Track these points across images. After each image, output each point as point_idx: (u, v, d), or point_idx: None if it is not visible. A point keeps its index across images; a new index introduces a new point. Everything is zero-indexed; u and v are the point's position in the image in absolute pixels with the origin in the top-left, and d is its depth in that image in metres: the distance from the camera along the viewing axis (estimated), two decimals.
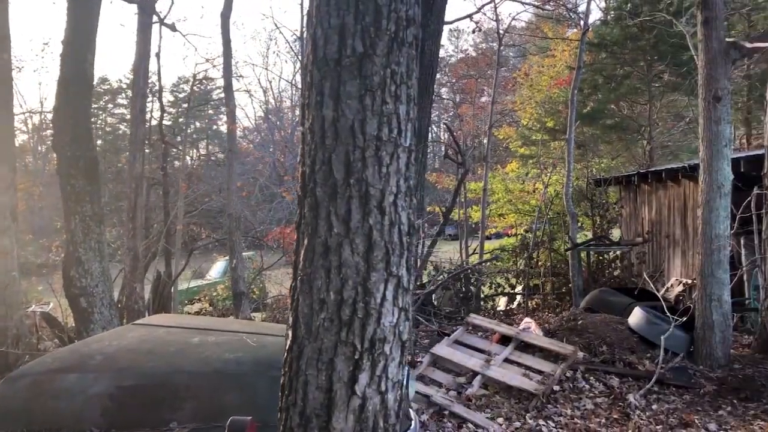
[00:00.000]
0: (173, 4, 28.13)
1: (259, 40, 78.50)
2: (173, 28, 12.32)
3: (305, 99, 2.12)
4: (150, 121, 17.43)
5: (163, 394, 3.23)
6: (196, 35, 51.90)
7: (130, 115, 15.99)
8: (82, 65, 6.76)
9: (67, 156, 6.66)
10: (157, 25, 11.91)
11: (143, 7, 10.30)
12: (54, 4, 50.58)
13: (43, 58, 65.23)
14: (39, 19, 49.36)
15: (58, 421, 3.11)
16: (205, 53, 65.21)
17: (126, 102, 39.32)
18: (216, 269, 19.08)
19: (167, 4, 32.65)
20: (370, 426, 2.06)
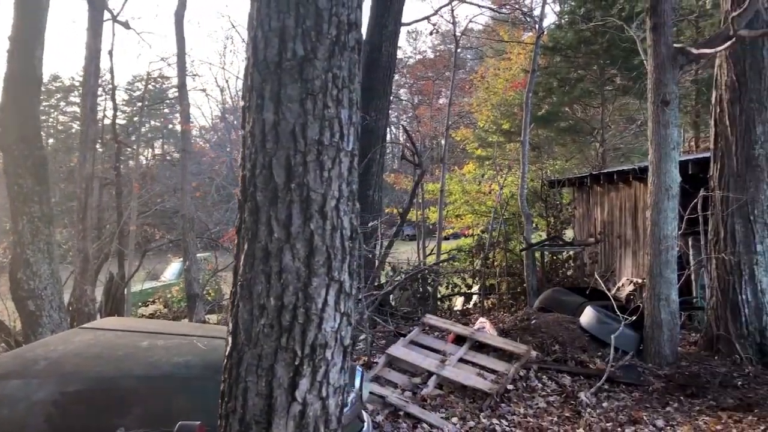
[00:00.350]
0: (126, 1, 27.51)
1: (216, 39, 77.66)
2: (126, 25, 12.05)
3: (246, 102, 2.09)
4: (103, 120, 17.03)
5: (110, 399, 3.15)
6: (150, 33, 50.86)
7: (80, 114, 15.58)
8: (30, 62, 6.56)
9: (15, 155, 6.46)
10: (110, 23, 11.64)
11: (93, 3, 10.02)
12: None
13: None
14: None
15: None
16: (161, 51, 64.30)
17: (79, 100, 38.32)
18: (171, 271, 18.79)
19: (120, 1, 31.97)
20: None
